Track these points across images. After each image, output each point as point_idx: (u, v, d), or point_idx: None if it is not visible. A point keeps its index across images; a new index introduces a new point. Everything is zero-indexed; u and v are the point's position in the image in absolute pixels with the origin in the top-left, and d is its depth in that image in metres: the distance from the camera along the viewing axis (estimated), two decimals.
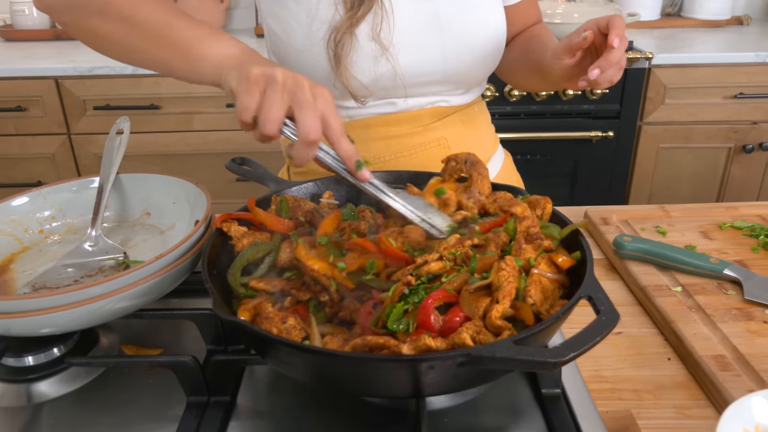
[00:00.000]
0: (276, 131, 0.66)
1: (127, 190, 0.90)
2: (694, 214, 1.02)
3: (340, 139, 0.67)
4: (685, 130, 2.27)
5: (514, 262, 0.65)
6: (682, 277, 0.85)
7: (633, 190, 2.38)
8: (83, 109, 2.21)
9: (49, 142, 2.27)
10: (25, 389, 0.71)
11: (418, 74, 0.96)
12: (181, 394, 0.69)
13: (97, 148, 2.27)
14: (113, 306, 0.68)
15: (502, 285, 0.62)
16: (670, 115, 2.25)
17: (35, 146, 2.27)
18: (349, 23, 0.89)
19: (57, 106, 2.21)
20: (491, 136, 1.15)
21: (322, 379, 0.60)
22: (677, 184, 2.36)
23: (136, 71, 2.15)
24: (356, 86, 0.93)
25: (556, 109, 2.24)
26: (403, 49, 0.93)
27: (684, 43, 2.36)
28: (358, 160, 0.69)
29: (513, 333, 0.60)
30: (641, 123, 2.27)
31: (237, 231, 0.76)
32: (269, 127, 0.65)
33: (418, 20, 0.94)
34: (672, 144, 2.29)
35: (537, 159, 2.31)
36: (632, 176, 2.36)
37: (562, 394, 0.68)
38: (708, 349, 0.71)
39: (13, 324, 0.65)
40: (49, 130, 2.25)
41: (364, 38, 0.91)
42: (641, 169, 2.34)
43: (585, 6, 2.33)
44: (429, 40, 0.95)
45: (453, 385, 0.60)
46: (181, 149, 2.28)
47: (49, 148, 2.27)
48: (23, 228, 0.84)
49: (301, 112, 0.65)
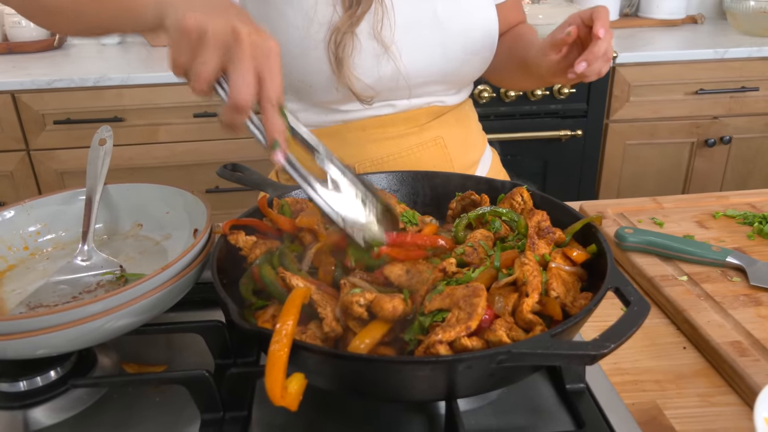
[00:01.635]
0: (205, 90, 0.59)
1: (116, 202, 0.86)
2: (687, 205, 1.03)
3: (267, 106, 0.59)
4: (649, 127, 2.33)
5: (533, 257, 0.64)
6: (686, 267, 0.86)
7: (602, 187, 2.42)
8: (42, 123, 2.12)
9: (6, 160, 2.17)
10: (21, 416, 0.66)
11: (421, 74, 0.95)
12: (192, 412, 0.65)
13: (58, 164, 2.18)
14: (115, 323, 0.64)
15: (528, 279, 0.61)
16: (635, 112, 2.30)
17: None
18: (349, 22, 0.87)
19: (14, 121, 2.11)
20: (480, 134, 1.15)
21: (353, 385, 0.58)
22: (644, 180, 2.42)
23: (98, 83, 2.08)
24: (360, 87, 0.91)
25: (525, 109, 2.27)
26: (405, 47, 0.92)
27: (644, 41, 2.42)
28: (277, 139, 0.60)
29: (544, 328, 0.58)
30: (608, 121, 2.32)
31: (246, 242, 0.73)
32: (198, 85, 0.59)
33: (417, 18, 0.93)
34: (638, 140, 2.34)
35: (507, 159, 2.30)
36: (601, 173, 2.40)
37: (587, 389, 0.68)
38: (723, 336, 0.72)
39: (8, 346, 0.60)
40: (7, 146, 2.15)
41: (365, 37, 0.89)
42: (609, 165, 2.39)
43: (547, 7, 2.37)
44: (430, 38, 0.94)
45: (487, 384, 0.58)
46: (147, 162, 2.21)
47: (7, 166, 2.17)
48: (6, 245, 0.79)
49: (234, 71, 0.57)
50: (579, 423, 0.64)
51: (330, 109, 0.97)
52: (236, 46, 0.57)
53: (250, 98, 0.58)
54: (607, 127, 2.32)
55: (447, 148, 1.00)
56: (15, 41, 2.40)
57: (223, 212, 1.95)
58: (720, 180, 2.44)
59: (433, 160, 0.99)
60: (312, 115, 0.99)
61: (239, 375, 0.64)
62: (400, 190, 0.87)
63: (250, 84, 0.57)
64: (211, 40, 0.57)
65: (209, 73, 0.58)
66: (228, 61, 0.58)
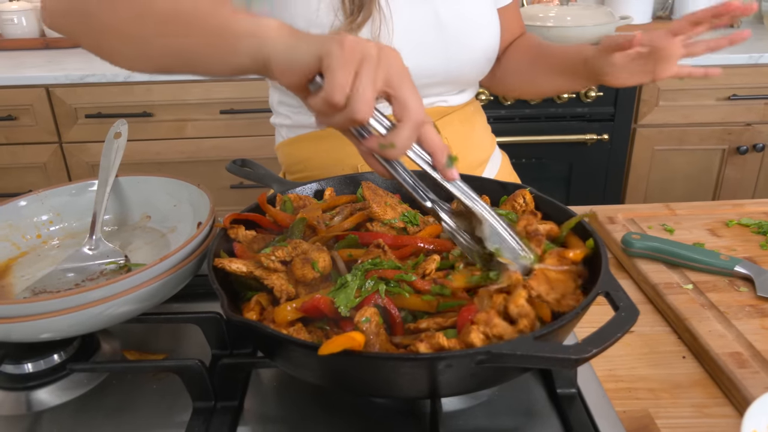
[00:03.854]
0: (370, 114, 0.56)
1: (126, 194, 0.88)
2: (700, 212, 1.01)
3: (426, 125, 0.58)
4: (679, 132, 2.28)
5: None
6: (693, 275, 0.84)
7: (628, 193, 2.38)
8: (75, 117, 2.19)
9: (40, 151, 2.24)
10: (25, 397, 0.69)
11: (421, 76, 0.95)
12: (187, 400, 0.66)
13: (89, 156, 2.24)
14: (115, 310, 0.66)
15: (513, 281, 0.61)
16: (665, 118, 2.25)
17: (26, 155, 2.24)
18: (349, 28, 0.88)
19: (48, 114, 2.18)
20: (489, 136, 1.14)
21: (335, 379, 0.58)
22: (672, 186, 2.37)
23: (129, 78, 2.13)
24: None
25: (551, 112, 2.24)
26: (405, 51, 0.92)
27: None
28: (451, 155, 0.60)
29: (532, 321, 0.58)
30: (636, 125, 2.28)
31: (245, 236, 0.74)
32: (364, 109, 0.54)
33: (418, 22, 0.93)
34: (666, 146, 2.30)
35: (532, 162, 2.31)
36: (627, 179, 2.36)
37: (578, 394, 0.67)
38: (724, 347, 0.70)
39: (13, 329, 0.63)
40: (41, 139, 2.22)
41: None
42: (636, 171, 2.34)
43: (577, 9, 2.34)
44: (431, 41, 0.94)
45: (470, 384, 0.58)
46: (173, 157, 2.25)
47: (41, 157, 2.24)
48: (20, 233, 0.82)
49: (404, 89, 0.56)
50: (568, 428, 0.64)
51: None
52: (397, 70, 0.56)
53: (426, 116, 0.57)
54: (635, 132, 2.28)
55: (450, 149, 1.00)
56: (52, 37, 2.47)
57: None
58: (752, 188, 2.37)
59: None
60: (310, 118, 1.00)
61: (231, 365, 0.66)
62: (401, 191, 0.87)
63: (420, 99, 0.57)
64: (375, 60, 0.55)
65: (374, 94, 0.55)
66: (392, 82, 0.56)
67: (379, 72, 0.55)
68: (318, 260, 0.66)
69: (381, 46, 0.57)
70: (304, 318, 0.61)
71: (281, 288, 0.63)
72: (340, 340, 0.51)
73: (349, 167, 1.01)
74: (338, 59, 0.54)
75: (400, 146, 0.57)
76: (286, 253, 0.67)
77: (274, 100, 1.09)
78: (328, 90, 0.55)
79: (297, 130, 1.06)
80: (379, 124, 0.59)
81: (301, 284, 0.66)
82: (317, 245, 0.70)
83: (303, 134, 1.05)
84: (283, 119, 1.07)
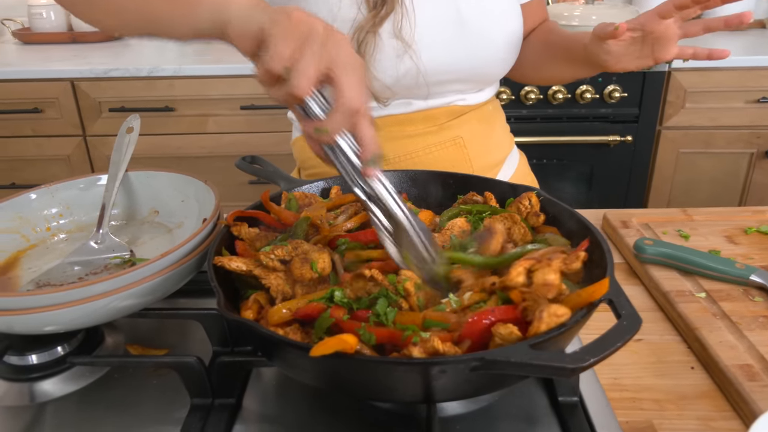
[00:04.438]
0: (307, 91, 0.55)
1: (135, 188, 0.89)
2: (718, 218, 0.98)
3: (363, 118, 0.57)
4: (705, 135, 2.23)
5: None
6: (706, 283, 0.82)
7: (652, 196, 2.34)
8: (99, 111, 2.22)
9: (64, 144, 2.27)
10: (28, 388, 0.69)
11: (442, 72, 0.95)
12: (186, 397, 0.67)
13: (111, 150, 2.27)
14: (118, 304, 0.66)
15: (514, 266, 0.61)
16: (691, 120, 2.20)
17: (51, 148, 2.28)
18: (372, 22, 0.87)
19: (73, 108, 2.22)
20: (507, 135, 1.13)
21: (328, 381, 0.58)
22: (697, 190, 2.32)
23: (151, 73, 2.15)
24: (378, 87, 0.91)
25: (573, 112, 2.21)
26: (426, 46, 0.92)
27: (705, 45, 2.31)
28: (377, 153, 0.60)
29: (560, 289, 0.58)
30: (660, 127, 2.23)
31: (248, 233, 0.74)
32: (303, 84, 0.54)
33: (439, 17, 0.92)
34: (692, 149, 2.25)
35: (553, 163, 2.28)
36: (651, 181, 2.32)
37: (580, 403, 0.66)
38: (734, 359, 0.68)
39: (16, 321, 0.63)
40: (65, 131, 2.25)
41: (386, 36, 0.89)
42: (660, 174, 2.30)
43: (603, 8, 2.30)
44: (452, 37, 0.93)
45: (466, 390, 0.57)
46: (194, 151, 2.27)
47: (65, 150, 2.28)
48: (30, 225, 0.83)
49: (345, 75, 0.55)
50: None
51: None
52: (343, 52, 0.56)
53: (365, 105, 0.56)
54: (660, 134, 2.24)
55: (466, 148, 0.99)
56: (79, 31, 2.51)
57: None
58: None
59: (451, 159, 0.98)
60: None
61: (229, 363, 0.66)
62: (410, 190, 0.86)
63: (362, 89, 0.56)
64: (321, 38, 0.55)
65: (314, 73, 0.55)
66: (335, 66, 0.55)
67: (324, 52, 0.55)
68: (317, 261, 0.66)
69: (331, 29, 0.57)
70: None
71: (278, 288, 0.63)
72: (331, 342, 0.51)
73: None
74: (283, 29, 0.55)
75: (330, 132, 0.57)
76: (285, 252, 0.67)
77: None
78: (266, 58, 0.55)
79: None
80: (318, 107, 0.59)
81: (300, 284, 0.65)
82: (318, 246, 0.69)
83: None
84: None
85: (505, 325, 0.54)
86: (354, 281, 0.63)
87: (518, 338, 0.54)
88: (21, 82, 2.17)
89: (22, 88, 2.17)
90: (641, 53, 0.89)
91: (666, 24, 0.85)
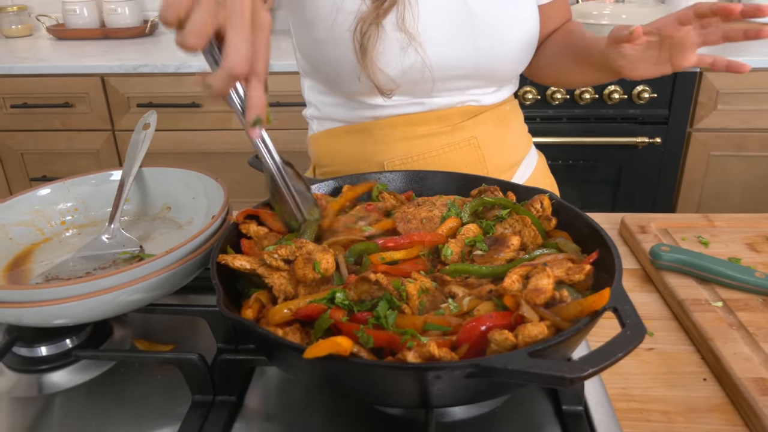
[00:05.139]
0: (199, 45, 0.55)
1: (149, 184, 0.89)
2: (741, 225, 0.95)
3: (254, 80, 0.57)
4: (738, 138, 2.16)
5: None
6: (724, 292, 0.79)
7: (681, 200, 2.28)
8: (127, 106, 2.25)
9: (94, 138, 2.32)
10: (36, 380, 0.71)
11: (448, 67, 0.93)
12: (188, 393, 0.67)
13: None
14: (125, 298, 0.67)
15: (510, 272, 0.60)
16: (723, 122, 2.14)
17: (81, 142, 2.33)
18: (375, 14, 0.86)
19: (102, 103, 2.26)
20: (524, 136, 1.11)
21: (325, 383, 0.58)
22: (728, 194, 2.26)
23: (179, 69, 2.18)
24: (383, 79, 0.90)
25: (601, 113, 2.17)
26: (432, 39, 0.90)
27: (738, 46, 2.25)
28: (259, 115, 0.59)
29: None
30: (691, 129, 2.18)
31: (257, 232, 0.74)
32: (193, 38, 0.54)
33: (445, 10, 0.91)
34: (724, 152, 2.19)
35: (579, 164, 2.24)
36: (680, 185, 2.26)
37: (585, 412, 0.64)
38: (748, 371, 0.66)
39: (24, 313, 0.64)
40: (95, 126, 2.30)
41: (390, 28, 0.88)
42: (690, 177, 2.24)
43: (634, 7, 2.25)
44: (459, 31, 0.92)
45: (464, 396, 0.56)
46: (218, 147, 2.30)
47: (94, 144, 2.32)
48: (46, 219, 0.85)
49: (234, 34, 0.55)
50: None
51: (360, 103, 0.97)
52: (240, 12, 0.55)
53: (246, 69, 0.56)
54: (690, 136, 2.18)
55: (480, 149, 0.98)
56: (111, 27, 2.56)
57: None
58: None
59: (464, 160, 0.97)
60: (343, 111, 1.00)
61: (231, 361, 0.66)
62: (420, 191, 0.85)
63: (248, 51, 0.56)
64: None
65: (210, 26, 0.54)
66: (229, 24, 0.55)
67: (221, 9, 0.54)
68: (321, 261, 0.65)
69: None
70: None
71: (280, 288, 0.63)
72: (325, 344, 0.50)
73: (376, 164, 1.00)
74: None
75: (214, 89, 0.57)
76: (289, 252, 0.67)
77: (305, 87, 1.09)
78: (160, 4, 0.55)
79: (326, 123, 1.06)
80: (214, 62, 0.59)
81: (302, 284, 0.65)
82: (323, 246, 0.69)
83: (332, 128, 1.05)
84: (314, 111, 1.07)
85: (501, 331, 0.53)
86: (359, 284, 0.62)
87: (513, 344, 0.53)
88: (53, 77, 2.21)
89: (54, 82, 2.22)
90: (659, 59, 0.86)
91: (685, 30, 0.82)
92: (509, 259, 0.70)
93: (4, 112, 2.28)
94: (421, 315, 0.61)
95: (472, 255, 0.72)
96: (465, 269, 0.67)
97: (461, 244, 0.73)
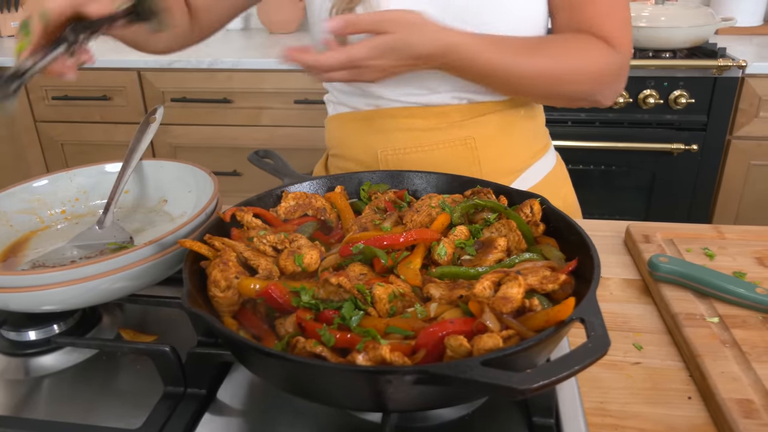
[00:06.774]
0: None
1: (148, 177, 0.91)
2: (753, 238, 0.91)
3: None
4: None
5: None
6: (722, 307, 0.75)
7: (717, 210, 2.20)
8: (162, 100, 2.31)
9: (130, 131, 2.37)
10: (23, 363, 0.73)
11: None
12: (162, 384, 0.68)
13: (172, 138, 2.36)
14: (109, 286, 0.68)
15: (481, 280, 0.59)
16: (765, 130, 2.05)
17: (118, 134, 2.40)
18: (347, 8, 0.87)
19: (138, 96, 2.32)
20: (536, 144, 1.05)
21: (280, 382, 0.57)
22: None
23: (212, 65, 2.22)
24: None
25: (636, 118, 2.11)
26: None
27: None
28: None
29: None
30: (731, 137, 2.09)
31: (251, 222, 0.74)
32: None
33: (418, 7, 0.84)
34: (765, 161, 2.10)
35: (612, 170, 2.18)
36: (717, 195, 2.18)
37: (556, 425, 0.62)
38: (734, 392, 0.62)
39: (10, 298, 0.67)
40: (131, 119, 2.36)
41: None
42: (728, 186, 2.16)
43: (675, 8, 2.18)
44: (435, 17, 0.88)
45: (420, 402, 0.55)
46: (248, 143, 2.33)
47: (130, 136, 2.37)
48: (47, 208, 0.87)
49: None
50: None
51: (362, 90, 0.98)
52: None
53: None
54: (729, 144, 2.10)
55: (477, 150, 0.96)
56: None
57: None
58: None
59: (457, 159, 0.95)
60: (348, 97, 1.02)
61: (200, 355, 0.66)
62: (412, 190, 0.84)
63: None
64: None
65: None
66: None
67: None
68: (305, 255, 0.65)
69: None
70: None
71: (266, 267, 0.63)
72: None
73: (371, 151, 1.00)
74: None
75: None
76: (278, 240, 0.67)
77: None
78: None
79: (338, 108, 1.06)
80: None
81: (285, 276, 0.66)
82: (316, 243, 0.69)
83: (342, 113, 1.05)
84: (330, 95, 1.09)
85: (456, 337, 0.52)
86: (326, 285, 0.62)
87: (468, 351, 0.52)
88: (93, 70, 2.28)
89: (93, 76, 2.29)
90: None
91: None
92: (498, 260, 0.69)
93: (46, 104, 2.37)
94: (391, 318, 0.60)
95: (460, 260, 0.71)
96: (454, 272, 0.66)
97: (453, 245, 0.71)
